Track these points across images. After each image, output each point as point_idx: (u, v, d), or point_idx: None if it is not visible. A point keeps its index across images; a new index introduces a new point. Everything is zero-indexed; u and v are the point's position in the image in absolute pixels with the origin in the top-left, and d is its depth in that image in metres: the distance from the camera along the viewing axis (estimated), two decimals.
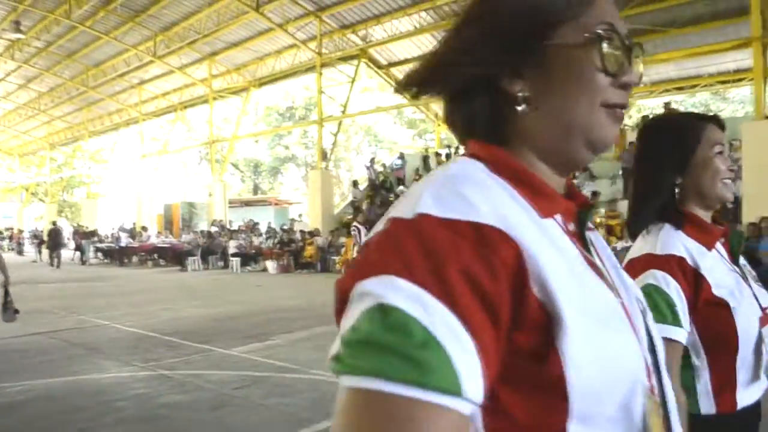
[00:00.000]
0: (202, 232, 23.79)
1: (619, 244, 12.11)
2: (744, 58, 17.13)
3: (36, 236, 31.57)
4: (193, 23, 21.99)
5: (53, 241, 24.90)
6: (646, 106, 30.71)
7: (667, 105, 18.69)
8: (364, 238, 10.80)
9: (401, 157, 24.11)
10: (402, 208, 0.67)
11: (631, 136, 18.80)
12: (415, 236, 0.62)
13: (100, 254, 26.95)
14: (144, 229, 27.09)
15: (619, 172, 17.30)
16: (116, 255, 25.20)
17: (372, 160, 24.60)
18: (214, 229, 23.66)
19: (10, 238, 37.61)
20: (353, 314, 0.60)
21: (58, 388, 5.19)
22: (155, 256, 24.37)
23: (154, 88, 29.22)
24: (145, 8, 21.49)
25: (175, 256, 22.89)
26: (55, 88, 30.77)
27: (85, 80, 28.50)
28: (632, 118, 27.43)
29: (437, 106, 26.83)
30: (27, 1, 20.94)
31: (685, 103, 33.71)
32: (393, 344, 0.56)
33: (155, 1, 20.91)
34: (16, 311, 6.63)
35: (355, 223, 15.19)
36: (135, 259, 24.79)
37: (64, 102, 32.42)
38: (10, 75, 29.20)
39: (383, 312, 0.57)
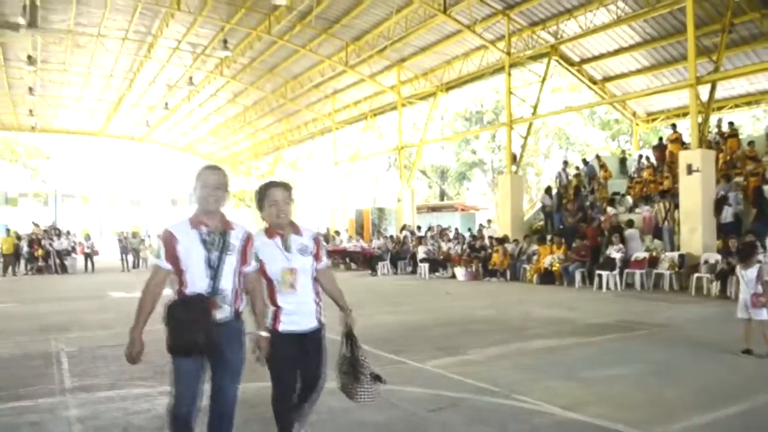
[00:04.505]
0: (391, 237, 24.04)
1: None
2: None
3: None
4: (383, 30, 22.31)
5: None
6: None
7: None
8: None
9: (585, 162, 22.79)
10: None
11: None
12: None
13: None
14: (337, 233, 28.09)
15: None
16: None
17: (565, 164, 23.35)
18: (405, 233, 23.78)
19: None
20: None
21: (251, 391, 5.12)
22: (347, 259, 25.11)
23: (346, 96, 30.27)
24: (338, 19, 22.19)
25: (365, 260, 23.38)
26: (259, 102, 33.09)
27: (284, 92, 30.28)
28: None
29: (635, 104, 24.85)
30: (233, 20, 22.60)
31: None
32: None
33: (347, 11, 21.50)
34: (378, 378, 4.02)
35: None
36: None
37: (266, 114, 34.79)
38: (219, 90, 31.87)
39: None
